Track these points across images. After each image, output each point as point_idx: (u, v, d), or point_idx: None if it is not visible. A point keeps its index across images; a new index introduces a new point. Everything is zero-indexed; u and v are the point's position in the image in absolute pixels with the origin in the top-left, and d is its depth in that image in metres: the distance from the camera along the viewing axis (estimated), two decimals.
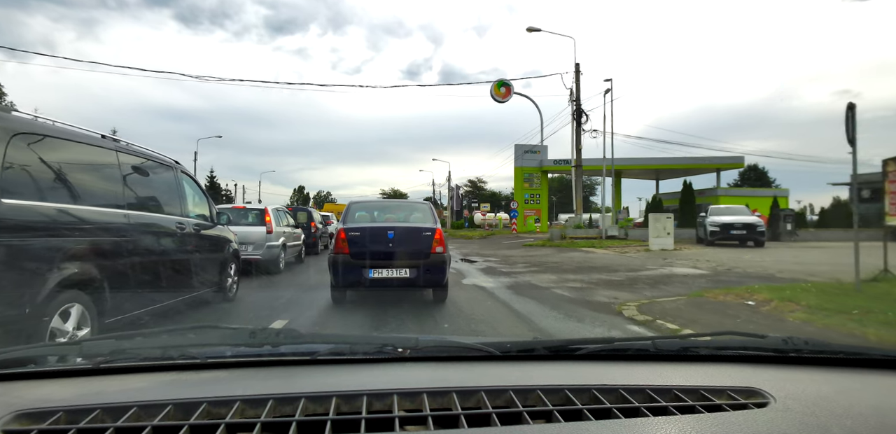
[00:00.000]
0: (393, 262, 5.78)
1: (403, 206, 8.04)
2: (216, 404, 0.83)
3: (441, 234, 6.02)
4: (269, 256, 9.61)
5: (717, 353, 1.13)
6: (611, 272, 9.79)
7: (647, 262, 11.78)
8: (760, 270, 9.87)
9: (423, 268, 5.80)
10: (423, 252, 5.85)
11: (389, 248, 5.80)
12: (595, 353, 1.10)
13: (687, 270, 10.06)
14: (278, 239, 10.06)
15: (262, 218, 9.93)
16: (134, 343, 1.12)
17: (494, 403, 0.86)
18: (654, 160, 32.00)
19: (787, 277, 8.51)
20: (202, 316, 5.59)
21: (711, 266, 10.70)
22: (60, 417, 0.79)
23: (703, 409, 0.84)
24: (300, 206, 20.38)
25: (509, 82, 36.25)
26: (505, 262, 12.58)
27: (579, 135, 21.81)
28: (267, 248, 9.58)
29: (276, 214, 10.52)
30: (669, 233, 15.52)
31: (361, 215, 6.97)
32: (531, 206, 34.28)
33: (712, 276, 8.94)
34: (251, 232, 9.42)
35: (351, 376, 1.00)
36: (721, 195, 30.70)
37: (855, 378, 1.05)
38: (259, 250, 9.43)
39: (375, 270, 5.77)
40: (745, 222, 16.69)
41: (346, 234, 5.90)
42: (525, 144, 34.61)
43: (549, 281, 8.58)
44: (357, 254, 5.77)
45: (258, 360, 1.06)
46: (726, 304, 5.88)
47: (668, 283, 8.15)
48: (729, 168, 32.96)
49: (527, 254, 15.49)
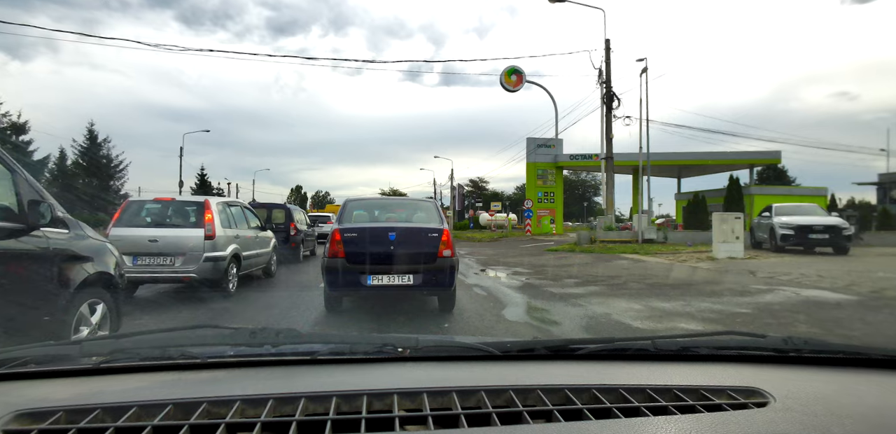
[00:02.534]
0: (394, 266, 5.29)
1: (406, 205, 7.44)
2: (216, 404, 0.84)
3: (449, 235, 5.57)
4: (210, 274, 6.74)
5: (717, 352, 1.13)
6: (710, 296, 7.23)
7: (737, 279, 9.28)
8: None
9: (429, 273, 5.35)
10: (428, 256, 5.39)
11: (390, 251, 5.34)
12: (595, 353, 1.11)
13: (821, 294, 7.40)
14: (226, 247, 7.13)
15: (200, 216, 6.91)
16: (134, 343, 1.11)
17: (494, 403, 0.87)
18: (677, 155, 28.57)
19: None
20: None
21: (845, 286, 8.13)
22: (61, 417, 0.79)
23: (703, 409, 0.85)
24: (278, 203, 17.24)
25: (521, 69, 33.09)
26: (542, 275, 10.17)
27: (609, 122, 18.71)
28: (205, 262, 6.67)
29: (224, 212, 7.52)
30: (739, 237, 12.50)
31: (359, 214, 6.42)
32: (545, 206, 31.26)
33: (877, 306, 6.52)
34: (180, 237, 6.75)
35: (351, 376, 1.01)
36: (756, 193, 27.37)
37: (855, 378, 1.05)
38: (192, 265, 6.59)
39: (374, 276, 5.28)
40: (827, 224, 13.68)
41: (342, 235, 5.42)
42: (538, 138, 31.59)
43: (637, 314, 5.96)
44: (354, 257, 5.32)
45: (258, 360, 1.06)
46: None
47: (830, 318, 5.70)
48: (764, 163, 29.68)
49: (561, 262, 13.15)
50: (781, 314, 5.83)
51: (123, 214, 6.79)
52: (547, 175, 32.25)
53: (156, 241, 6.50)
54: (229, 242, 7.15)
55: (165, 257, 6.48)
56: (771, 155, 30.31)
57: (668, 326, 5.28)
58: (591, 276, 9.70)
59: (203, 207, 6.87)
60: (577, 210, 75.59)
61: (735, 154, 30.68)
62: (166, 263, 6.48)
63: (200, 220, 6.77)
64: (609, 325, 5.27)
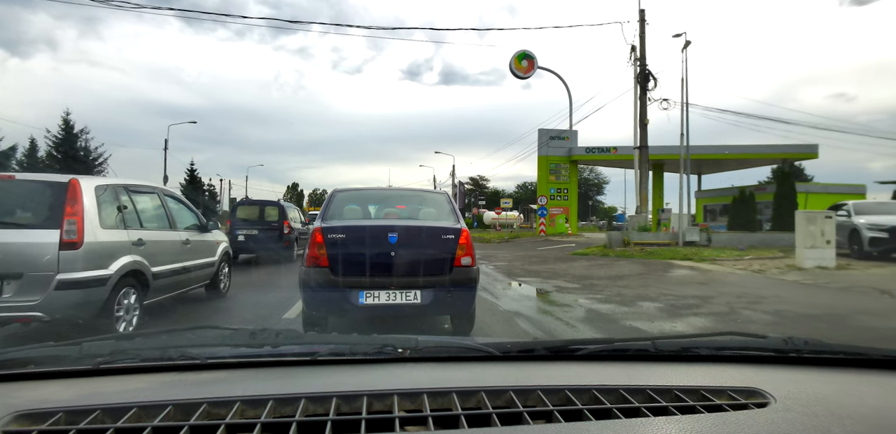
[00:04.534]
0: (395, 279, 4.09)
1: (411, 197, 5.78)
2: (216, 405, 0.84)
3: (468, 237, 4.32)
4: (71, 308, 4.00)
5: (717, 353, 1.14)
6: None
7: (876, 303, 6.94)
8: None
9: (442, 288, 4.14)
10: (441, 264, 4.19)
11: (390, 259, 4.11)
12: (595, 354, 1.12)
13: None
14: (109, 262, 4.38)
15: (57, 207, 4.09)
16: (134, 343, 1.13)
17: (495, 404, 0.88)
18: (698, 149, 25.62)
19: None
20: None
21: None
22: (60, 418, 0.80)
23: (703, 410, 0.86)
24: (271, 200, 15.36)
25: (532, 54, 30.27)
26: (600, 295, 7.60)
27: (644, 105, 16.13)
28: (58, 290, 3.91)
29: (112, 201, 4.72)
30: (830, 241, 9.72)
31: (350, 209, 4.91)
32: (558, 203, 28.80)
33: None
34: (14, 244, 3.92)
35: (351, 377, 1.02)
36: (775, 192, 24.44)
37: (855, 378, 1.06)
38: (34, 295, 3.85)
39: (368, 293, 4.01)
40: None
41: (325, 236, 4.11)
42: (551, 129, 28.71)
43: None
44: (340, 267, 4.06)
45: (258, 361, 1.08)
46: None
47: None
48: (799, 158, 26.91)
49: (607, 272, 10.67)
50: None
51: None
52: (560, 170, 29.76)
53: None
54: (119, 253, 4.47)
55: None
56: (807, 148, 27.58)
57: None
58: (673, 297, 7.16)
59: (65, 193, 4.07)
60: (581, 209, 73.34)
61: (765, 148, 27.98)
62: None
63: (57, 214, 4.00)
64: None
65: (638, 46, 17.32)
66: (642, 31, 17.34)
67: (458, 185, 48.80)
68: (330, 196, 5.03)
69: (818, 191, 25.00)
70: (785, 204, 18.83)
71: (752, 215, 20.52)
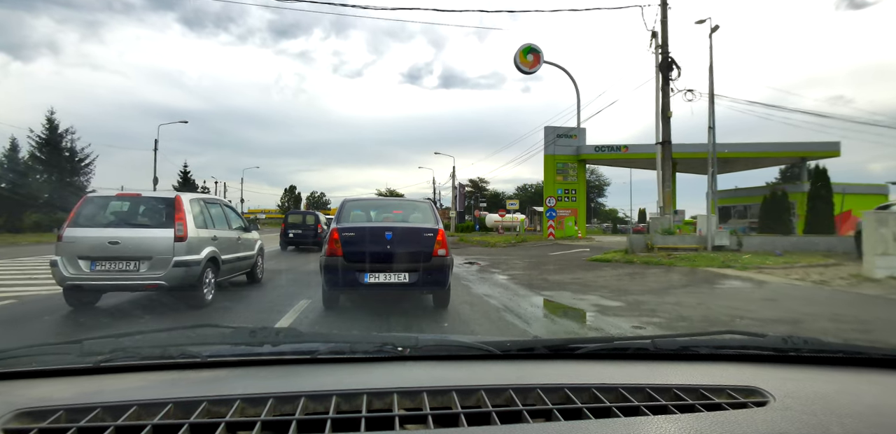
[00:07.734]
0: (391, 265, 5.59)
1: (402, 205, 7.72)
2: (216, 403, 0.85)
3: (444, 235, 5.87)
4: (181, 281, 6.00)
5: (716, 352, 1.13)
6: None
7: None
8: None
9: (425, 272, 5.65)
10: (423, 255, 5.65)
11: (387, 250, 5.60)
12: (595, 353, 1.12)
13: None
14: (201, 250, 6.37)
15: (170, 213, 6.13)
16: (134, 342, 1.13)
17: (494, 402, 0.88)
18: (720, 147, 24.11)
19: None
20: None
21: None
22: (61, 416, 0.81)
23: (702, 408, 0.86)
24: (310, 210, 22.13)
25: (538, 48, 28.82)
26: (648, 315, 6.33)
27: (667, 96, 14.48)
28: (175, 267, 5.91)
29: (200, 210, 6.73)
30: None
31: (357, 214, 6.60)
32: (565, 205, 27.60)
33: None
34: (146, 238, 5.97)
35: (351, 375, 1.02)
36: (808, 191, 22.94)
37: (854, 377, 1.05)
38: (159, 270, 5.87)
39: (371, 274, 5.55)
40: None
41: (340, 234, 5.66)
42: (558, 127, 27.16)
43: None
44: (351, 256, 5.58)
45: (258, 359, 1.08)
46: None
47: None
48: (820, 157, 25.39)
49: (642, 285, 9.32)
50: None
51: (80, 213, 6.11)
52: (567, 169, 28.53)
53: (117, 243, 5.85)
54: (205, 245, 6.53)
55: (128, 262, 5.85)
56: (828, 147, 26.18)
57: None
58: (751, 321, 6.07)
59: (174, 205, 6.20)
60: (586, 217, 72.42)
61: (783, 145, 26.57)
62: (129, 269, 5.83)
63: (171, 218, 6.07)
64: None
65: (659, 32, 16.03)
66: (664, 15, 16.06)
67: (458, 187, 47.32)
68: (342, 205, 6.65)
69: (852, 191, 23.54)
70: (820, 205, 17.15)
71: (785, 216, 18.96)
